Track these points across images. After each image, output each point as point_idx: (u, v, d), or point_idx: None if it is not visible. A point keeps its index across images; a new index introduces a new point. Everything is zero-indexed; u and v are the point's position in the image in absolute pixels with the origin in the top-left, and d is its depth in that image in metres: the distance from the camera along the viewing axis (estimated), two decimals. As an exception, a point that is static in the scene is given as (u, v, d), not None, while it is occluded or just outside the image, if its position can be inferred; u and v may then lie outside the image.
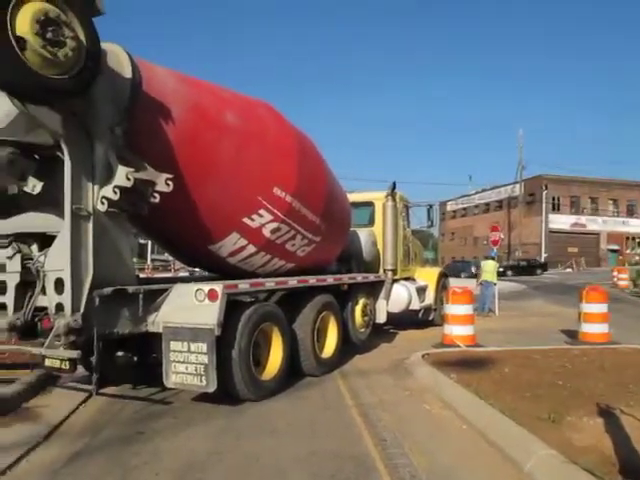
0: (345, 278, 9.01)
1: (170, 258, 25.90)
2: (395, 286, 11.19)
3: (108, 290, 5.20)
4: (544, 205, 57.73)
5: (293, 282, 7.50)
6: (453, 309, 9.55)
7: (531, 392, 6.03)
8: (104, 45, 5.09)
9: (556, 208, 59.27)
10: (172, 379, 5.78)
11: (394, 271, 11.14)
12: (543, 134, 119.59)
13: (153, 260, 38.08)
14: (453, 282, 14.37)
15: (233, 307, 6.08)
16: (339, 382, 7.47)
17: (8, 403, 5.87)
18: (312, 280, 7.91)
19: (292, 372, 7.12)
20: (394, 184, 11.32)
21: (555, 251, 56.18)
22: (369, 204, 11.68)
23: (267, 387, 6.53)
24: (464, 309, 9.55)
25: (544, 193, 57.80)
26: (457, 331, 9.41)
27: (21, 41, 4.18)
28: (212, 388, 5.62)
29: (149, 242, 31.00)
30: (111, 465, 4.50)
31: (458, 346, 9.13)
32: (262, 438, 5.15)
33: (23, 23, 4.18)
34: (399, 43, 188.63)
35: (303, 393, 6.84)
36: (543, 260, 51.73)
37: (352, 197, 10.46)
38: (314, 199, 7.49)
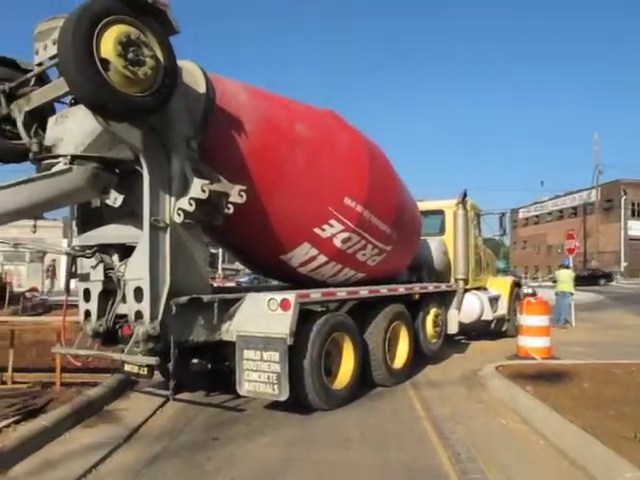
0: (416, 288, 8.89)
1: (241, 267, 26.44)
2: (467, 296, 10.94)
3: (184, 299, 5.37)
4: (623, 211, 55.24)
5: (364, 292, 7.47)
6: (527, 320, 9.29)
7: (615, 409, 5.74)
8: (180, 62, 5.29)
9: (636, 214, 56.60)
10: (245, 387, 5.88)
11: (466, 280, 10.92)
12: (622, 137, 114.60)
13: (224, 269, 38.96)
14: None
15: (305, 316, 6.13)
16: (410, 393, 7.38)
17: (93, 405, 6.16)
18: (383, 290, 7.85)
19: (363, 382, 7.09)
20: (465, 192, 11.12)
21: (635, 259, 53.55)
22: (439, 212, 11.50)
23: (338, 396, 6.53)
24: (539, 320, 9.27)
25: (623, 198, 55.34)
26: (532, 343, 9.15)
27: (105, 62, 4.42)
28: (284, 397, 5.68)
29: (220, 251, 31.75)
30: (188, 469, 4.62)
31: (533, 358, 8.84)
32: (334, 447, 5.16)
33: (107, 46, 4.43)
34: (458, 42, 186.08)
35: (374, 403, 6.80)
36: (621, 269, 49.38)
37: (422, 206, 10.33)
38: (385, 208, 7.47)
